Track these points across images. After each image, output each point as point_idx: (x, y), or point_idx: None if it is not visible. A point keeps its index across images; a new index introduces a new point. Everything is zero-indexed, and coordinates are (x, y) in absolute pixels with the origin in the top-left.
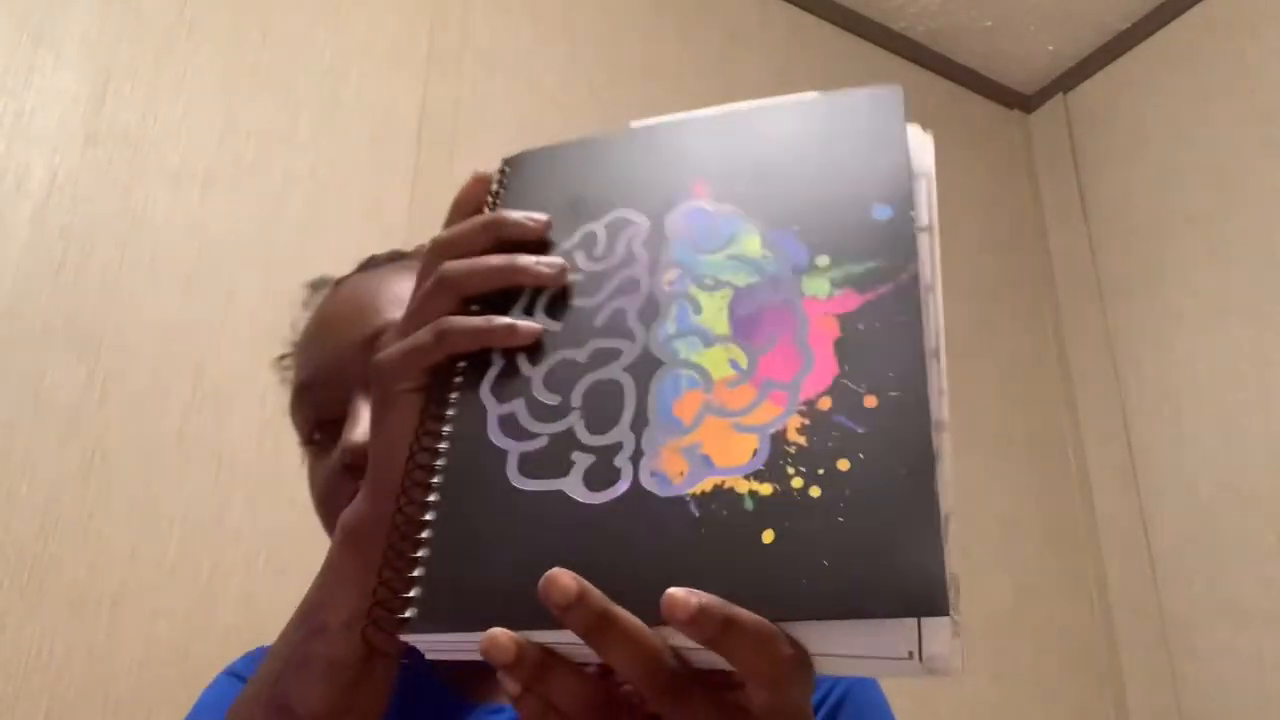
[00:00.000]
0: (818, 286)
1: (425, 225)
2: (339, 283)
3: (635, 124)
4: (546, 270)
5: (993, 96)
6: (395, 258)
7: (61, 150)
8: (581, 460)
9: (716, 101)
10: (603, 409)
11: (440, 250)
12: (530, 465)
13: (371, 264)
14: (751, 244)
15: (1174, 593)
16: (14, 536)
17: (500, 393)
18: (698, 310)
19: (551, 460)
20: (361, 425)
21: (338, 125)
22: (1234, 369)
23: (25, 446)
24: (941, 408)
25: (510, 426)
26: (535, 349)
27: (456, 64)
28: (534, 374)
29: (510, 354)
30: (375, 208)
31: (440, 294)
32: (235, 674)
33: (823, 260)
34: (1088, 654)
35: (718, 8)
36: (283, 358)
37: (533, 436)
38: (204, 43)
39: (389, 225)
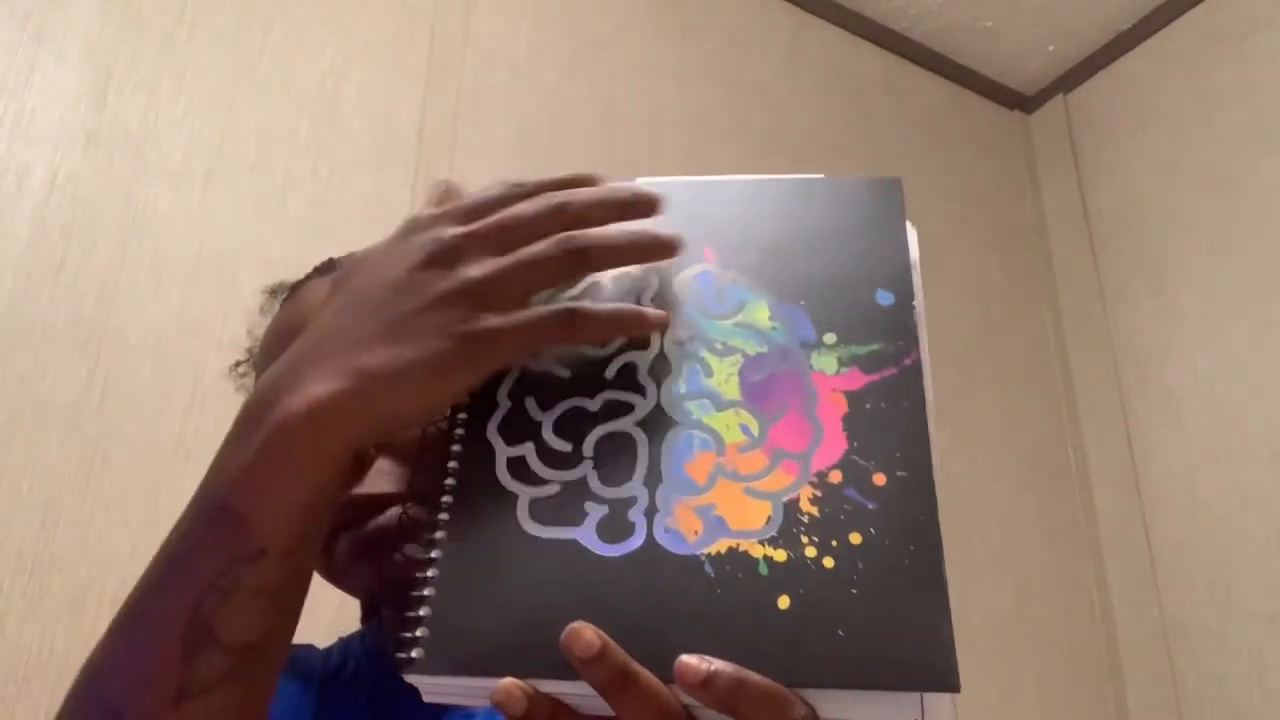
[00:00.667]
0: (825, 362)
1: None
2: (297, 287)
3: (642, 180)
4: (653, 317)
5: (993, 97)
6: None
7: (62, 150)
8: (595, 511)
9: (717, 101)
10: (615, 461)
11: (567, 206)
12: (542, 511)
13: (330, 268)
14: (760, 314)
15: (1174, 593)
16: (14, 536)
17: (509, 435)
18: (709, 373)
19: (565, 508)
20: None
21: (338, 125)
22: (1234, 369)
23: (25, 446)
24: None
25: (520, 470)
26: (545, 395)
27: (457, 64)
28: (544, 419)
29: (518, 397)
30: (375, 208)
31: (567, 259)
32: None
33: (830, 338)
34: (1088, 654)
35: (718, 8)
36: (238, 364)
37: (544, 483)
38: (204, 43)
39: (389, 225)
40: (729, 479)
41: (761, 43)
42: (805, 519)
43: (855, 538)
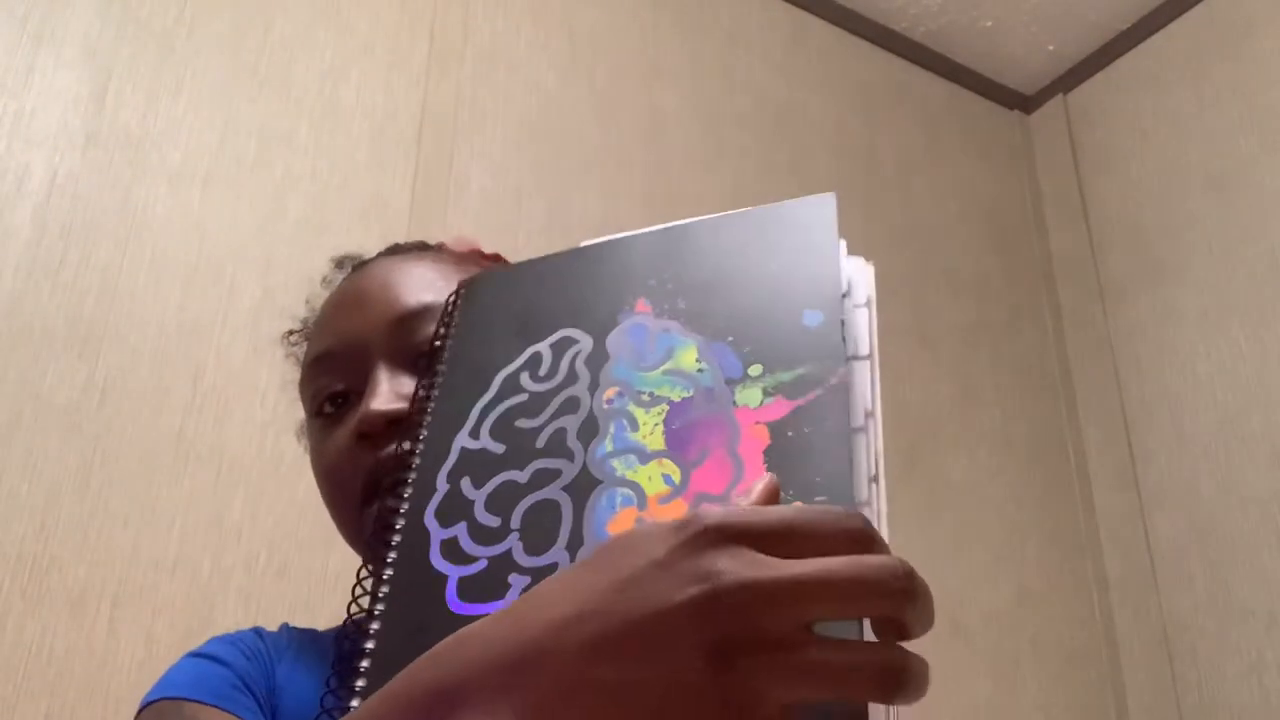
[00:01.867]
0: (749, 396)
1: (425, 225)
2: (364, 263)
3: (586, 243)
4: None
5: (993, 96)
6: (421, 247)
7: (61, 150)
8: (518, 583)
9: (717, 101)
10: (540, 530)
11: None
12: (469, 590)
13: (397, 250)
14: (688, 357)
15: (1174, 593)
16: (14, 536)
17: (444, 518)
18: (634, 427)
19: (490, 584)
20: (381, 395)
21: (338, 125)
22: (1234, 369)
23: (25, 446)
24: (881, 528)
25: (451, 551)
26: (479, 474)
27: (456, 64)
28: (477, 497)
29: (455, 479)
30: (375, 208)
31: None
32: (204, 655)
33: (755, 370)
34: (1088, 654)
35: (718, 8)
36: (291, 333)
37: (472, 560)
38: (204, 43)
39: (389, 225)
40: None
41: (761, 43)
42: None
43: None
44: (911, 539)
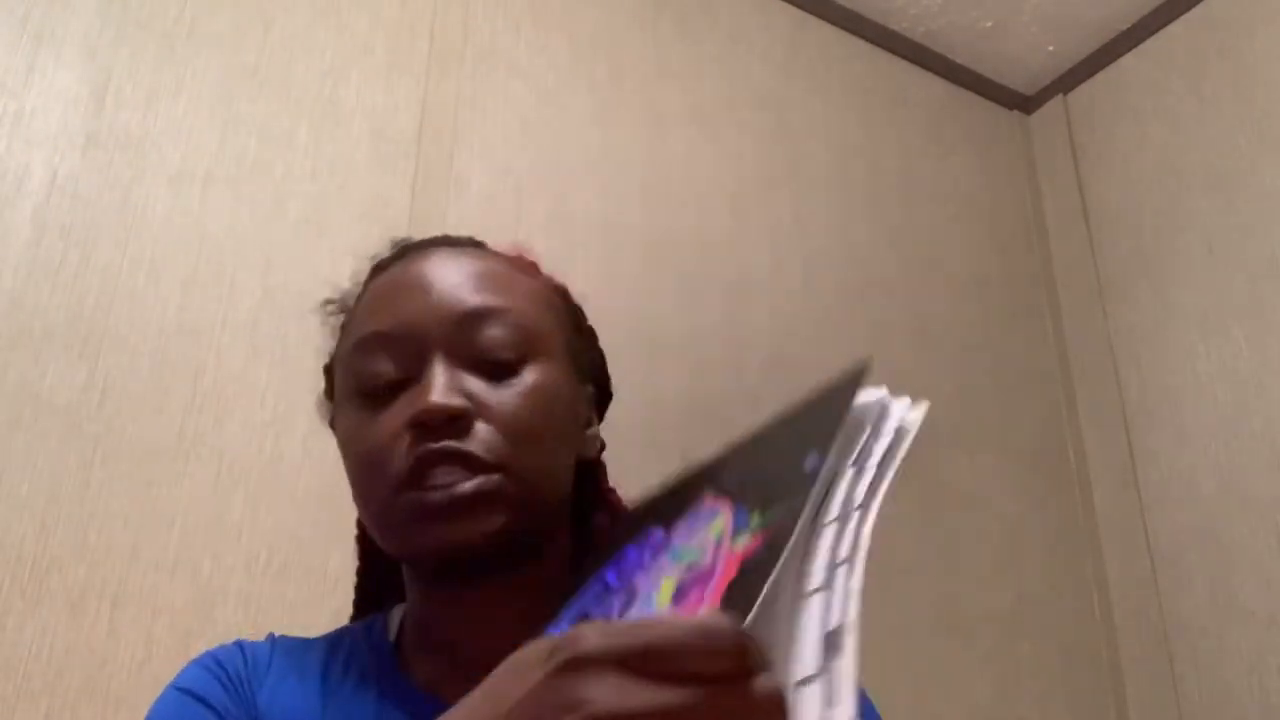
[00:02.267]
0: (741, 541)
1: (425, 225)
2: (423, 248)
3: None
4: None
5: (992, 97)
6: (476, 244)
7: (61, 150)
8: None
9: (717, 101)
10: None
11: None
12: None
13: (453, 242)
14: (717, 525)
15: (1174, 593)
16: (14, 536)
17: None
18: (658, 589)
19: None
20: (440, 388)
21: (338, 125)
22: (1234, 369)
23: (25, 446)
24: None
25: None
26: None
27: (456, 64)
28: None
29: None
30: (375, 208)
31: None
32: (187, 691)
33: (755, 518)
34: (1088, 654)
35: (718, 8)
36: (329, 302)
37: None
38: (204, 43)
39: (389, 225)
40: None
41: (761, 43)
42: None
43: None
44: (911, 539)
